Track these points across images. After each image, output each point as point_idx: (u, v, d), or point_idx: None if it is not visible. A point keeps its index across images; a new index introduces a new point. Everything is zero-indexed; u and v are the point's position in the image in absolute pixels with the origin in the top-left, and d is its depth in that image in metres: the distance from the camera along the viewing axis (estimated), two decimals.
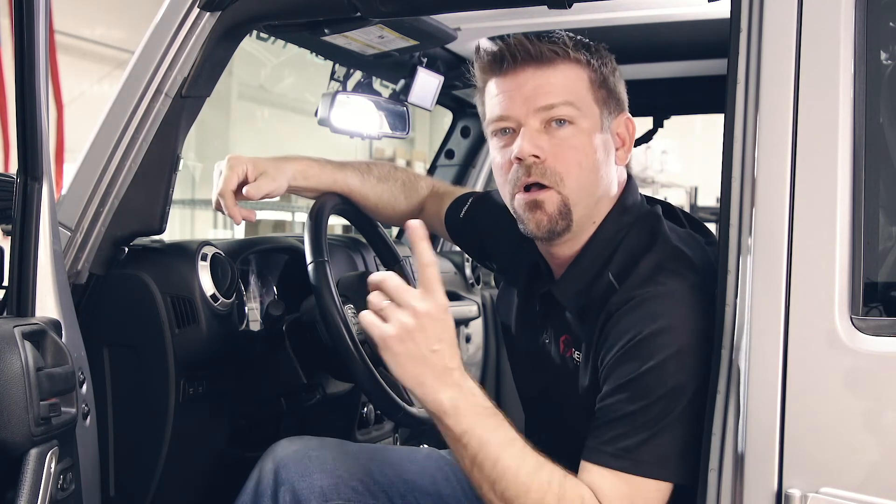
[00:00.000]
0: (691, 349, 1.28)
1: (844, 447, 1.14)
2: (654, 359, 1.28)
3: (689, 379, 1.28)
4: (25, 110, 1.21)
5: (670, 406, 1.28)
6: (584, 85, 1.44)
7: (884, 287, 1.23)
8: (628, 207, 1.48)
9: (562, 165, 1.41)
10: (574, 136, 1.42)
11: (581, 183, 1.43)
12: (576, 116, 1.42)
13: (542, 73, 1.43)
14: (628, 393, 1.30)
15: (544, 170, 1.42)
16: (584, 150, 1.42)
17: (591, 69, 1.45)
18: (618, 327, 1.34)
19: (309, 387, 1.80)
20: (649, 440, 1.28)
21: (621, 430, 1.30)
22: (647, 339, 1.30)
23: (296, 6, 1.64)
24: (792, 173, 1.18)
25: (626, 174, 1.53)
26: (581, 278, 1.47)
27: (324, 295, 1.61)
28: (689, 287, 1.33)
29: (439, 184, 1.99)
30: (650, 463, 1.28)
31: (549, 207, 1.42)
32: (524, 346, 1.62)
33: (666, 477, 1.28)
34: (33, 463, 1.16)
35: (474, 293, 2.85)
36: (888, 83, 1.26)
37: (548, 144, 1.41)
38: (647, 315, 1.31)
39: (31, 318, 1.23)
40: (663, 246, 1.41)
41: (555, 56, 1.43)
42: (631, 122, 1.50)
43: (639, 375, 1.29)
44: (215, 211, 1.72)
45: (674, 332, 1.29)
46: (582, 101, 1.43)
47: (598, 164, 1.44)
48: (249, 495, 1.58)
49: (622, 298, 1.36)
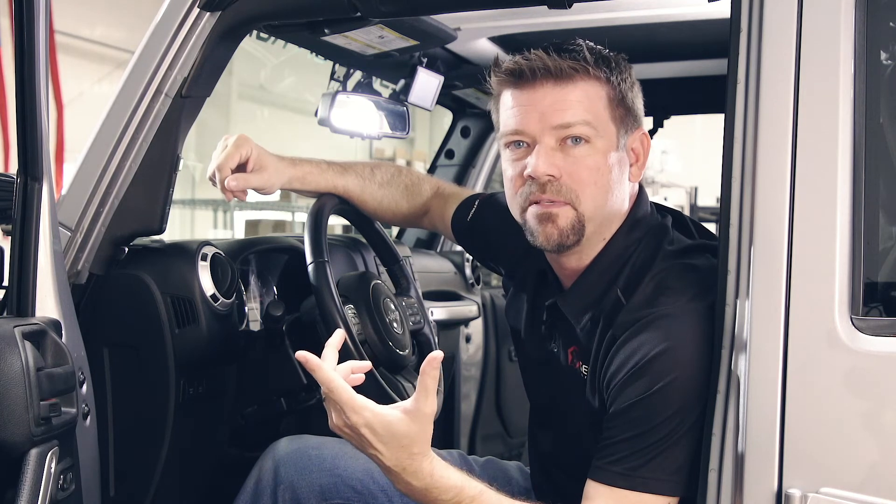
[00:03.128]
0: (695, 369, 1.28)
1: (844, 447, 1.14)
2: (659, 382, 1.28)
3: (695, 399, 1.27)
4: (25, 110, 1.21)
5: (677, 426, 1.28)
6: (602, 104, 1.41)
7: (884, 287, 1.23)
8: (639, 221, 1.47)
9: (577, 184, 1.40)
10: (590, 154, 1.40)
11: (596, 202, 1.41)
12: (592, 135, 1.40)
13: (560, 89, 1.40)
14: (634, 416, 1.30)
15: (559, 187, 1.40)
16: (599, 169, 1.41)
17: (610, 86, 1.42)
18: (622, 351, 1.34)
19: (309, 387, 1.79)
20: (656, 458, 1.28)
21: (629, 451, 1.30)
22: (651, 363, 1.29)
23: (296, 6, 1.64)
24: (792, 173, 1.18)
25: (638, 186, 1.52)
26: (589, 293, 1.46)
27: (324, 295, 1.60)
28: (693, 306, 1.33)
29: (444, 184, 1.97)
30: (658, 480, 1.28)
31: (562, 222, 1.41)
32: (533, 352, 1.62)
33: (673, 492, 1.29)
34: (33, 463, 1.16)
35: (474, 293, 2.85)
36: (888, 83, 1.26)
37: (563, 163, 1.40)
38: (652, 338, 1.31)
39: (32, 318, 1.23)
40: (669, 263, 1.41)
41: (574, 73, 1.40)
42: (646, 137, 1.48)
43: (644, 398, 1.29)
44: (210, 180, 1.73)
45: (678, 355, 1.29)
46: (599, 120, 1.41)
47: (612, 183, 1.42)
48: (249, 494, 1.58)
49: (627, 320, 1.36)
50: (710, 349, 1.26)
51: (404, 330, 1.80)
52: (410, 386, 1.74)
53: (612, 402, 1.35)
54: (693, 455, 1.27)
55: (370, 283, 1.76)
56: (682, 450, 1.28)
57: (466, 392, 2.88)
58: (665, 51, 2.20)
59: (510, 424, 3.04)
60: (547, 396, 1.62)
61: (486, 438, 2.96)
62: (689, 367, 1.28)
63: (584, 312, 1.46)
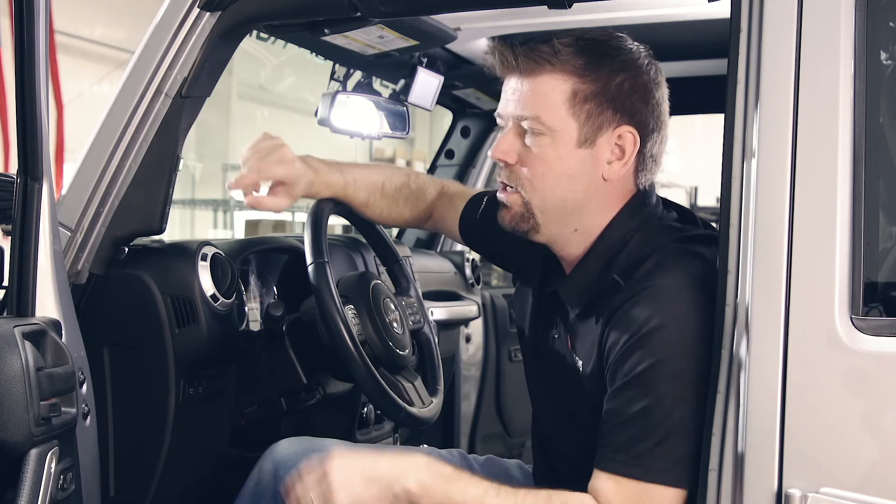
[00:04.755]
0: (695, 341, 1.28)
1: (844, 447, 1.14)
2: (658, 353, 1.29)
3: (695, 374, 1.27)
4: (25, 110, 1.21)
5: (677, 404, 1.28)
6: (561, 98, 1.41)
7: (884, 287, 1.23)
8: (637, 212, 1.48)
9: (527, 172, 1.45)
10: (544, 146, 1.43)
11: (545, 194, 1.45)
12: (544, 130, 1.42)
13: (522, 81, 1.44)
14: (634, 390, 1.30)
15: (510, 173, 1.47)
16: (550, 161, 1.43)
17: (580, 80, 1.41)
18: (620, 324, 1.34)
19: (309, 387, 1.80)
20: (661, 444, 1.28)
21: (631, 433, 1.29)
22: (649, 334, 1.30)
23: (296, 6, 1.64)
24: (792, 173, 1.18)
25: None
26: (586, 278, 1.47)
27: (324, 295, 1.61)
28: (692, 278, 1.33)
29: (448, 184, 1.97)
30: (663, 469, 1.28)
31: (512, 209, 1.49)
32: (536, 345, 1.62)
33: (678, 483, 1.28)
34: (33, 463, 1.16)
35: (474, 293, 2.85)
36: (888, 83, 1.26)
37: (520, 150, 1.45)
38: (649, 309, 1.31)
39: (32, 318, 1.23)
40: (668, 246, 1.41)
41: (535, 66, 1.42)
42: (633, 135, 1.44)
43: (644, 371, 1.29)
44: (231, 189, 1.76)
45: (673, 327, 1.29)
46: (553, 116, 1.42)
47: (566, 177, 1.44)
48: (249, 495, 1.58)
49: (625, 296, 1.36)
50: (710, 326, 1.25)
51: (404, 330, 1.80)
52: (410, 386, 1.75)
53: (611, 377, 1.35)
54: (696, 450, 1.26)
55: (370, 283, 1.76)
56: (687, 439, 1.27)
57: (466, 392, 2.88)
58: (665, 51, 2.19)
59: (510, 424, 3.04)
60: (547, 391, 1.62)
61: (486, 438, 2.96)
62: (688, 338, 1.28)
63: (581, 297, 1.47)
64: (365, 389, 1.65)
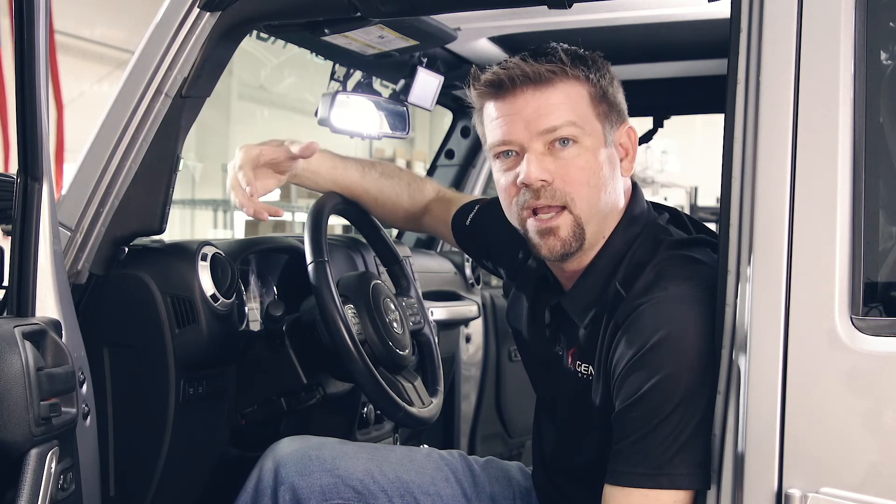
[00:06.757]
0: (699, 353, 1.27)
1: (844, 447, 1.14)
2: (668, 365, 1.27)
3: (702, 384, 1.26)
4: (25, 110, 1.21)
5: (689, 413, 1.26)
6: (584, 102, 1.42)
7: (884, 287, 1.23)
8: (635, 218, 1.48)
9: (570, 186, 1.40)
10: (579, 154, 1.40)
11: (591, 202, 1.42)
12: (579, 135, 1.40)
13: (541, 94, 1.40)
14: (644, 406, 1.28)
15: (553, 191, 1.40)
16: (591, 167, 1.41)
17: (590, 84, 1.42)
18: (625, 339, 1.33)
19: (309, 387, 1.80)
20: (679, 453, 1.26)
21: (648, 447, 1.27)
22: (654, 349, 1.28)
23: (296, 6, 1.64)
24: (792, 173, 1.18)
25: (631, 182, 1.52)
26: (590, 291, 1.46)
27: (324, 295, 1.61)
28: (693, 289, 1.32)
29: (445, 189, 1.98)
30: (685, 475, 1.26)
31: (563, 232, 1.41)
32: (536, 353, 1.62)
33: (697, 485, 1.26)
34: (33, 463, 1.16)
35: (474, 293, 2.85)
36: (888, 83, 1.26)
37: (554, 166, 1.40)
38: (653, 323, 1.30)
39: (32, 318, 1.23)
40: (667, 254, 1.40)
41: (553, 75, 1.40)
42: (633, 130, 1.48)
43: (652, 386, 1.27)
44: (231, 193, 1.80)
45: (680, 338, 1.28)
46: (584, 119, 1.41)
47: (605, 180, 1.43)
48: (249, 495, 1.58)
49: (628, 308, 1.35)
50: (712, 335, 1.25)
51: (404, 330, 1.80)
52: (410, 386, 1.75)
53: (618, 393, 1.33)
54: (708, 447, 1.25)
55: (370, 283, 1.76)
56: (699, 441, 1.25)
57: (466, 392, 2.88)
58: (665, 51, 2.20)
59: (510, 424, 3.03)
60: (552, 393, 1.62)
61: (486, 438, 2.96)
62: (693, 350, 1.27)
63: (587, 310, 1.46)
64: (365, 389, 1.65)
